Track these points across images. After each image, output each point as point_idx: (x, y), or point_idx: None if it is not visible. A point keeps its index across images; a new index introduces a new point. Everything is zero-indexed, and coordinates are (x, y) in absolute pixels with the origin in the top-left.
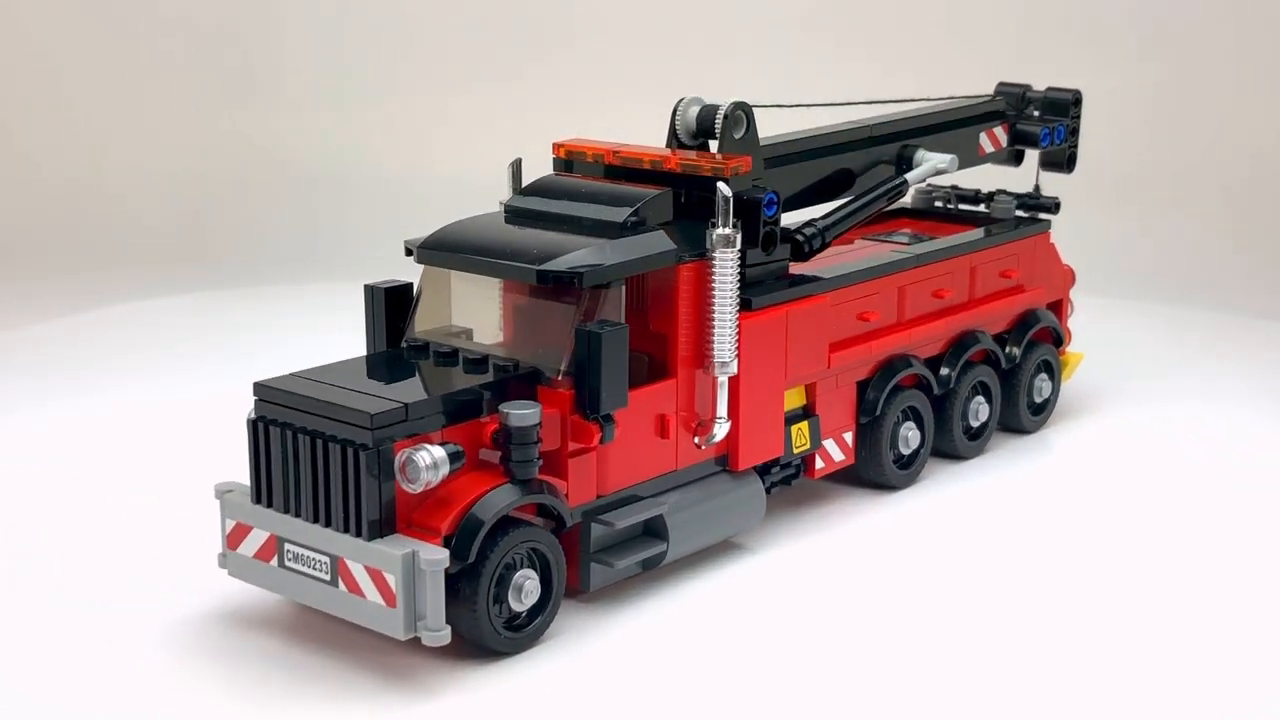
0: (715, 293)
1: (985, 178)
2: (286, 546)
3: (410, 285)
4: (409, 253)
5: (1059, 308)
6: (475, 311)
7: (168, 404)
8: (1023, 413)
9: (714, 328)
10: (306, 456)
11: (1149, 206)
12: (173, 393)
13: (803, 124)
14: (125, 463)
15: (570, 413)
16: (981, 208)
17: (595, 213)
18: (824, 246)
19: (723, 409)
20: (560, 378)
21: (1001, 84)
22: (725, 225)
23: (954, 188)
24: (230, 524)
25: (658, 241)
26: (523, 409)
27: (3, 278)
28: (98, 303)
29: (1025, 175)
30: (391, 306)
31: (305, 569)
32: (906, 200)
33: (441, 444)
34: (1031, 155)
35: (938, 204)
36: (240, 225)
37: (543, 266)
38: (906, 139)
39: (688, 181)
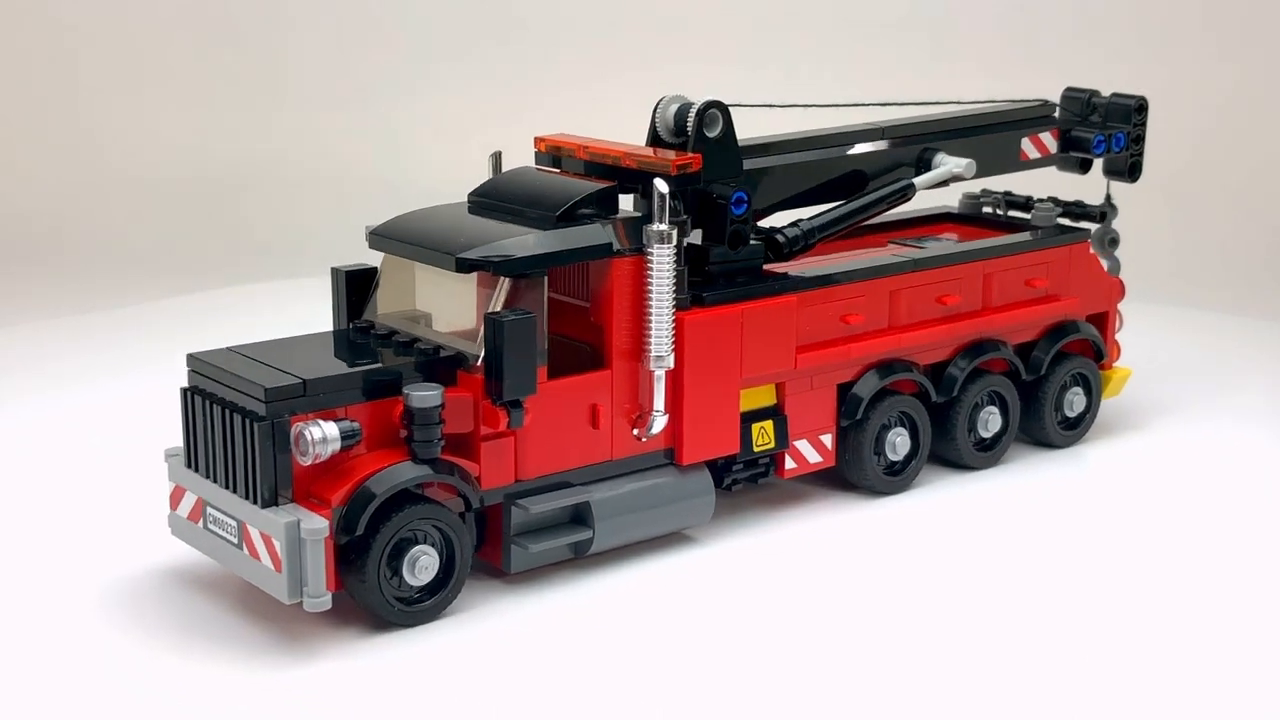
0: (652, 288)
1: (1048, 184)
2: (208, 509)
3: (374, 269)
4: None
5: (1103, 321)
6: (424, 296)
7: (165, 401)
8: (1050, 426)
9: (649, 322)
10: (219, 425)
11: (1210, 215)
12: (171, 391)
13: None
14: (119, 452)
15: (482, 397)
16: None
17: (537, 205)
18: (807, 247)
19: (659, 402)
20: (478, 363)
21: (1069, 89)
22: (661, 221)
23: (1006, 193)
24: (172, 486)
25: (589, 235)
26: (424, 390)
27: (2, 276)
28: (97, 304)
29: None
30: (353, 289)
31: (220, 531)
32: (954, 204)
33: (338, 420)
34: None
35: (986, 210)
36: (239, 225)
37: (461, 254)
38: (927, 141)
39: (645, 178)
